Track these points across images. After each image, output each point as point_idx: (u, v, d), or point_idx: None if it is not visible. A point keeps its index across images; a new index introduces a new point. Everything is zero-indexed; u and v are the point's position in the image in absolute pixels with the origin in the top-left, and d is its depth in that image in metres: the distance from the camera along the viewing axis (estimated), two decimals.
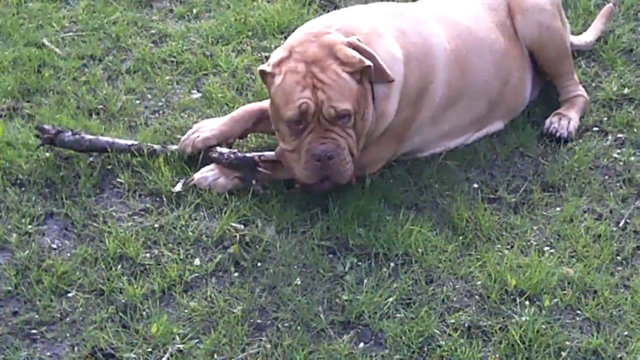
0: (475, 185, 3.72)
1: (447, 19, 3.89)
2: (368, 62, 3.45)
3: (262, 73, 3.54)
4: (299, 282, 3.21)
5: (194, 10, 4.92)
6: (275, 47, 4.41)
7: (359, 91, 3.48)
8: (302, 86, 3.43)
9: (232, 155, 3.64)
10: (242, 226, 3.43)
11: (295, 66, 3.47)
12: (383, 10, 3.86)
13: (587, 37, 4.62)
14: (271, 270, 3.26)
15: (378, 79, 3.53)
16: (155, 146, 3.76)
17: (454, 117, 3.88)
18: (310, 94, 3.42)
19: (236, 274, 3.26)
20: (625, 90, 4.29)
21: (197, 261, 3.29)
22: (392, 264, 3.31)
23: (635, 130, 4.05)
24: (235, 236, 3.39)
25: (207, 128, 3.76)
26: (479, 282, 3.24)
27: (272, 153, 3.67)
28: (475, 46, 3.90)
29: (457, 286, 3.23)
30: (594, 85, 4.35)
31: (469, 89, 3.87)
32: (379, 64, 3.50)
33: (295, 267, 3.28)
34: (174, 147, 3.77)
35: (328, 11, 4.83)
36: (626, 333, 3.06)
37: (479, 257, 3.35)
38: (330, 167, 3.45)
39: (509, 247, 3.41)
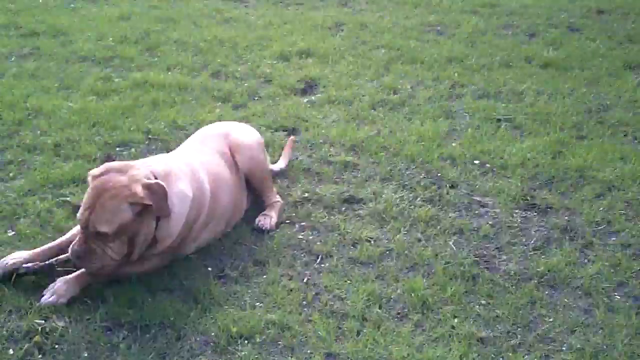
0: (210, 269, 3.76)
1: (205, 166, 3.89)
2: (148, 202, 3.34)
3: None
4: (86, 355, 3.12)
5: None
6: None
7: (131, 220, 3.34)
8: (86, 206, 3.32)
9: (35, 266, 3.50)
10: (43, 321, 3.27)
11: (95, 186, 3.34)
12: (179, 159, 3.80)
13: (281, 164, 4.80)
14: (65, 349, 3.15)
15: (158, 212, 3.41)
16: None
17: (206, 235, 3.87)
18: (85, 214, 3.31)
19: (40, 356, 3.11)
20: (306, 195, 4.48)
21: (10, 351, 3.12)
22: (152, 330, 3.28)
23: (312, 219, 4.24)
24: (38, 329, 3.22)
25: (15, 256, 3.54)
26: (213, 333, 3.28)
27: (65, 255, 3.49)
28: (220, 185, 3.93)
29: (197, 339, 3.25)
30: (286, 193, 4.51)
31: (216, 214, 3.88)
32: (160, 203, 3.37)
33: (83, 344, 3.18)
34: None
35: None
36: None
37: (212, 317, 3.38)
38: (80, 262, 3.39)
39: (233, 307, 3.47)
